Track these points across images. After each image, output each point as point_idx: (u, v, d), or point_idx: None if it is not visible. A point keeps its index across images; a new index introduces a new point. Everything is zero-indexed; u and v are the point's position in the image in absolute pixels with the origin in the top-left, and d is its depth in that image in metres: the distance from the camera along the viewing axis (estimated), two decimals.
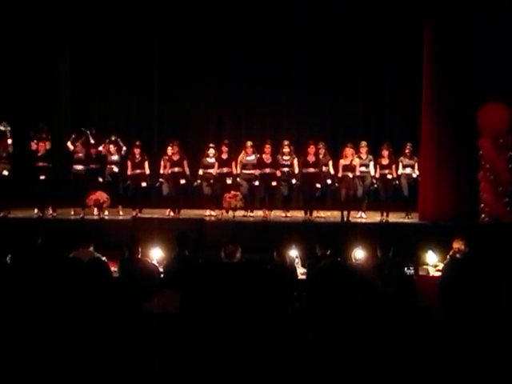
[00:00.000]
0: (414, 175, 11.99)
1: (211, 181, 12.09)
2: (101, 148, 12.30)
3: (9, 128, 11.72)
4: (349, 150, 11.73)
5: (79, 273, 4.33)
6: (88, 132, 12.28)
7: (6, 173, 11.60)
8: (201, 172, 12.10)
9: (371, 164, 12.02)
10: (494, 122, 11.36)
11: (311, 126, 14.48)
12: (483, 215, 11.41)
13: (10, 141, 11.70)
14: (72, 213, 11.89)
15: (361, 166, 11.95)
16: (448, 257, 7.01)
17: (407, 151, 12.00)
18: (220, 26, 13.95)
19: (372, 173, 11.98)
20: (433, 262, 7.40)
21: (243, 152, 12.14)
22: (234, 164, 12.12)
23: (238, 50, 14.20)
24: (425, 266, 7.37)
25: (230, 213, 11.80)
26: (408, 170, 12.01)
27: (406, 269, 6.54)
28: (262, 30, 13.97)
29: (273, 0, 13.10)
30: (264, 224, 11.62)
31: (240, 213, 12.04)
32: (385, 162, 11.92)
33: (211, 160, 12.10)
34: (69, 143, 12.06)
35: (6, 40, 13.18)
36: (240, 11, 13.84)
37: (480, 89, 11.21)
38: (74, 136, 12.13)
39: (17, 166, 11.84)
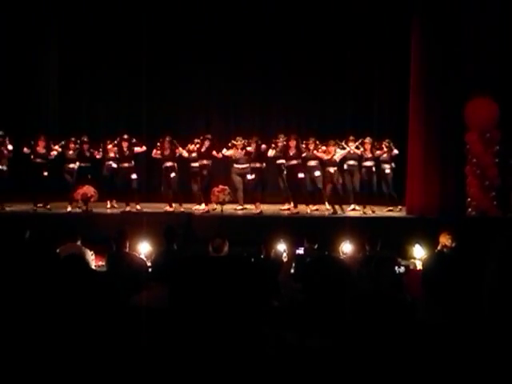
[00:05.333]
0: (388, 171, 12.33)
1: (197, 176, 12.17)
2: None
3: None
4: (331, 147, 11.95)
5: (58, 268, 4.31)
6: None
7: (4, 168, 11.73)
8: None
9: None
10: (481, 116, 11.38)
11: (299, 121, 14.52)
12: (470, 209, 11.46)
13: (10, 147, 11.84)
14: (69, 209, 11.86)
15: (349, 159, 12.11)
16: (436, 251, 7.04)
17: (384, 147, 12.26)
18: (207, 21, 13.98)
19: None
20: (420, 255, 7.43)
21: (234, 148, 12.10)
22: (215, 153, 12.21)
23: (226, 46, 14.18)
24: (412, 260, 7.40)
25: (218, 207, 11.81)
26: (384, 165, 12.35)
27: (396, 267, 6.55)
28: (250, 25, 14.01)
29: None
30: (252, 218, 11.62)
31: (228, 207, 12.06)
32: (368, 154, 12.19)
33: (194, 154, 12.17)
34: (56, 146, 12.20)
35: None
36: (228, 7, 13.87)
37: (467, 83, 11.25)
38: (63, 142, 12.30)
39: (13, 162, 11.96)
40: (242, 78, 14.49)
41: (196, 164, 12.16)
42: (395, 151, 12.27)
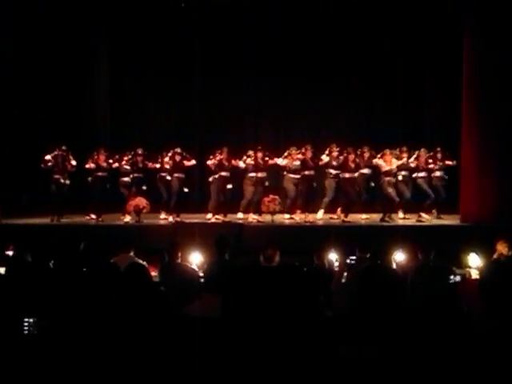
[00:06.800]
0: (446, 177, 12.23)
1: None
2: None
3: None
4: (388, 156, 11.83)
5: (118, 278, 4.38)
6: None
7: (63, 181, 12.03)
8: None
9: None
10: None
11: (349, 131, 14.43)
12: None
13: (73, 162, 12.19)
14: (125, 219, 12.06)
15: (402, 170, 12.03)
16: (492, 260, 6.87)
17: (439, 155, 12.14)
18: (257, 32, 14.04)
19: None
20: (476, 264, 7.26)
21: (289, 158, 12.09)
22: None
23: (276, 56, 14.22)
24: (467, 269, 7.24)
25: (269, 217, 11.81)
26: (439, 173, 12.23)
27: (452, 276, 6.41)
28: (301, 35, 14.05)
29: (309, 5, 13.19)
30: (303, 228, 11.59)
31: (279, 216, 12.05)
32: (423, 165, 12.13)
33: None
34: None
35: (44, 51, 13.50)
36: (276, 17, 13.93)
37: None
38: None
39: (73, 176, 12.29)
40: (291, 89, 14.51)
41: (252, 175, 12.15)
42: (448, 162, 12.12)
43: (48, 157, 11.90)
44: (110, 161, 12.38)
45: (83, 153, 12.36)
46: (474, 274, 7.07)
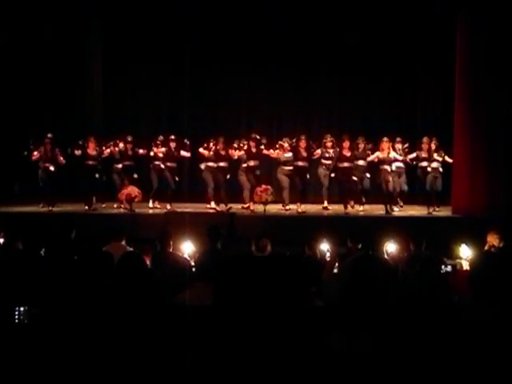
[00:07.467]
0: (441, 169, 12.05)
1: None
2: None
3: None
4: (385, 144, 11.78)
5: (111, 266, 4.37)
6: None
7: (52, 168, 11.92)
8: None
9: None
10: None
11: (343, 122, 14.42)
12: None
13: (61, 158, 12.04)
14: (115, 206, 12.10)
15: (395, 161, 11.96)
16: (483, 251, 6.90)
17: (433, 146, 12.03)
18: (249, 24, 14.00)
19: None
20: (466, 255, 7.29)
21: (280, 149, 12.07)
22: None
23: (268, 47, 14.12)
24: (458, 260, 7.27)
25: (261, 206, 11.82)
26: (435, 164, 12.04)
27: (443, 266, 6.43)
28: (292, 27, 14.00)
29: None
30: (295, 218, 11.60)
31: (271, 206, 12.05)
32: (424, 154, 12.04)
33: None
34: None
35: (35, 40, 13.42)
36: (269, 10, 13.87)
37: None
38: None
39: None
40: (284, 80, 14.45)
41: (245, 165, 12.18)
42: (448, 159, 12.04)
43: (35, 153, 11.83)
44: (103, 148, 12.28)
45: (75, 142, 12.25)
46: (465, 265, 7.10)
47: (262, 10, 13.86)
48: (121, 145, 12.36)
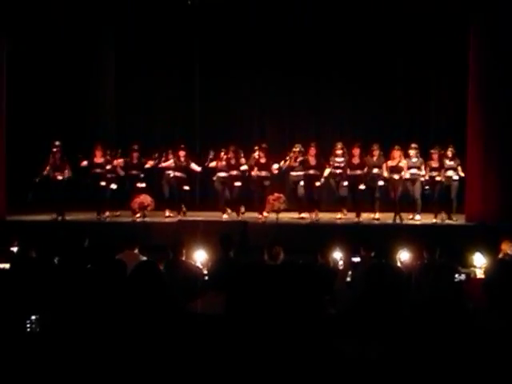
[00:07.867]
0: (456, 177, 11.83)
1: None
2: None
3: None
4: (396, 152, 11.68)
5: (124, 275, 4.38)
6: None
7: (60, 177, 11.88)
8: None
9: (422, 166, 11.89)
10: None
11: (355, 129, 14.37)
12: None
13: (67, 171, 11.95)
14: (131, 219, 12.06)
15: (410, 168, 11.81)
16: (497, 259, 6.86)
17: (449, 154, 11.82)
18: (260, 30, 14.03)
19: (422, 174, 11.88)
20: (480, 263, 7.25)
21: (291, 157, 12.02)
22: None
23: (280, 53, 14.15)
24: (472, 268, 7.24)
25: (274, 215, 11.79)
26: (450, 173, 11.84)
27: (457, 274, 6.38)
28: (305, 33, 13.98)
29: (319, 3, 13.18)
30: (307, 226, 11.57)
31: (283, 215, 12.03)
32: (435, 164, 11.80)
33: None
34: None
35: (50, 48, 13.52)
36: (281, 15, 13.90)
37: None
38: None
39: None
40: (296, 88, 14.45)
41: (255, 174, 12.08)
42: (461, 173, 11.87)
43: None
44: (120, 160, 12.25)
45: (88, 151, 12.29)
46: (479, 274, 7.07)
47: (277, 18, 13.91)
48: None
